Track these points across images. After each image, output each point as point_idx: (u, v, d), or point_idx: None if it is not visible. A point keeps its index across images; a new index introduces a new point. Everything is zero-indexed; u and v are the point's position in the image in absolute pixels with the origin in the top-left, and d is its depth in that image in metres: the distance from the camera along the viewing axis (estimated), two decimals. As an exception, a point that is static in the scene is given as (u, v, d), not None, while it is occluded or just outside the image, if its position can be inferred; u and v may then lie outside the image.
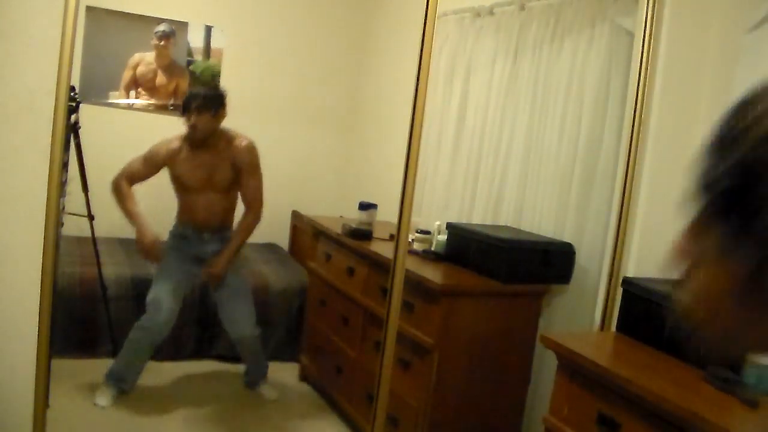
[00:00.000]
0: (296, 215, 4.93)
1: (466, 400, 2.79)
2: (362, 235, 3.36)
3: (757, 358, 1.86)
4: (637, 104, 2.59)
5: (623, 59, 2.80)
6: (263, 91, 4.91)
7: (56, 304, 2.54)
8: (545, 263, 2.80)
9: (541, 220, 3.10)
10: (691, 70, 2.59)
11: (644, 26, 2.57)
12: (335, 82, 5.09)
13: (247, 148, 3.31)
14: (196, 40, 4.70)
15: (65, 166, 2.73)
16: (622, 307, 2.45)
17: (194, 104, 3.19)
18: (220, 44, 4.76)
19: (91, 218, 3.57)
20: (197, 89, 3.35)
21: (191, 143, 3.28)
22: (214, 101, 3.23)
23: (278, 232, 4.94)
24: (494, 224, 3.28)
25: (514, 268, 2.74)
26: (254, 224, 3.39)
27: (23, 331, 2.08)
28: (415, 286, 2.71)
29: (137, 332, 3.25)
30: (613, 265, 2.65)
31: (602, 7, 2.87)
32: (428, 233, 3.18)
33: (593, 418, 1.99)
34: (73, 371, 3.51)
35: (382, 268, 2.99)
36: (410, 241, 3.06)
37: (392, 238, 2.79)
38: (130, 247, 4.04)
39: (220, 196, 3.34)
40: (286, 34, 4.91)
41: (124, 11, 4.46)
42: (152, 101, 4.64)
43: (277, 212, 4.76)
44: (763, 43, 2.35)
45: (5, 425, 2.22)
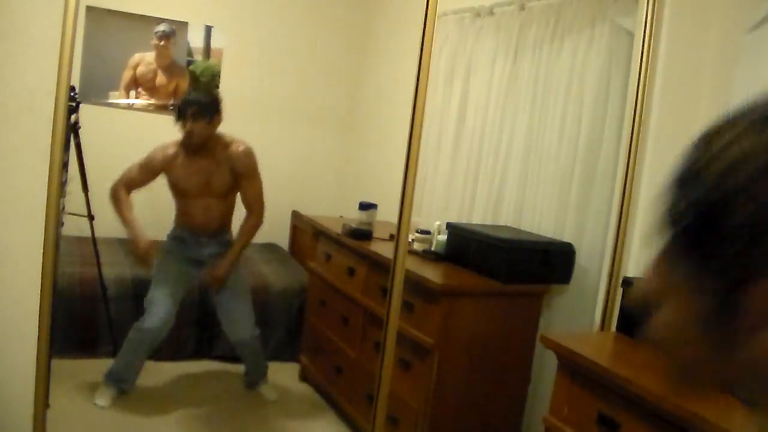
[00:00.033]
0: (296, 215, 4.93)
1: (466, 400, 2.79)
2: (362, 235, 3.36)
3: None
4: (637, 104, 2.59)
5: (623, 59, 2.80)
6: (263, 91, 4.91)
7: (56, 304, 2.54)
8: (545, 263, 2.80)
9: (541, 220, 3.10)
10: (691, 70, 2.59)
11: (644, 26, 2.57)
12: (335, 82, 5.09)
13: (244, 152, 3.30)
14: (196, 40, 4.70)
15: (65, 166, 2.73)
16: (622, 307, 2.45)
17: (189, 111, 3.16)
18: (220, 44, 4.76)
19: (91, 218, 3.57)
20: (192, 95, 3.31)
21: (187, 149, 3.27)
22: (209, 107, 3.20)
23: (278, 232, 4.94)
24: (494, 224, 3.28)
25: (514, 268, 2.74)
26: (256, 227, 3.39)
27: (23, 331, 2.08)
28: (415, 286, 2.71)
29: (136, 333, 3.25)
30: (613, 265, 2.65)
31: (602, 7, 2.87)
32: (428, 233, 3.18)
33: (593, 418, 1.99)
34: (73, 371, 3.51)
35: (382, 268, 2.99)
36: (410, 241, 3.06)
37: (392, 238, 2.79)
38: (128, 247, 4.05)
39: (217, 201, 3.33)
40: (286, 34, 4.91)
41: (124, 11, 4.46)
42: (152, 101, 4.64)
43: (277, 212, 4.76)
44: (763, 43, 2.35)
45: (5, 425, 2.22)
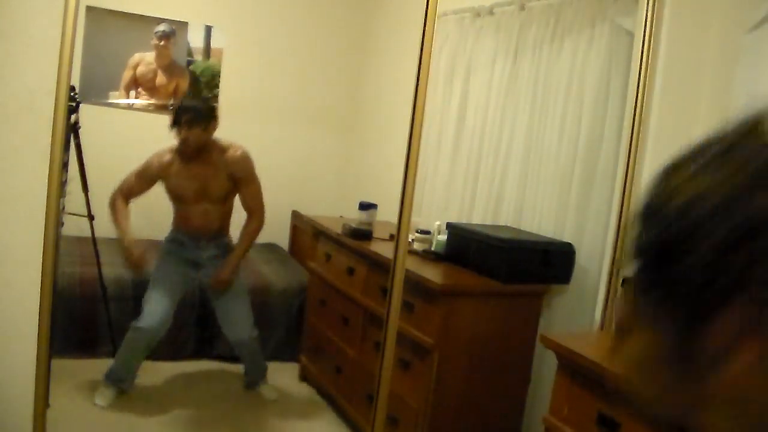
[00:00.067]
0: (296, 215, 4.93)
1: (466, 400, 2.79)
2: (362, 235, 3.36)
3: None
4: (637, 104, 2.59)
5: (623, 59, 2.80)
6: (263, 91, 4.91)
7: (56, 304, 2.54)
8: (545, 263, 2.80)
9: (541, 220, 3.10)
10: (691, 70, 2.59)
11: (644, 26, 2.57)
12: (335, 82, 5.09)
13: (241, 157, 3.29)
14: (196, 40, 4.70)
15: (65, 166, 2.73)
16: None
17: (185, 118, 3.14)
18: (220, 44, 4.76)
19: (91, 218, 3.57)
20: (187, 102, 3.29)
21: (183, 155, 3.26)
22: (204, 114, 3.18)
23: (278, 232, 4.94)
24: (494, 224, 3.28)
25: (514, 268, 2.74)
26: (258, 230, 3.40)
27: (23, 331, 2.08)
28: (415, 286, 2.71)
29: (133, 333, 3.25)
30: (613, 265, 2.65)
31: (602, 7, 2.87)
32: (428, 233, 3.18)
33: (593, 418, 1.99)
34: (73, 371, 3.51)
35: (382, 268, 2.99)
36: (410, 241, 3.06)
37: (392, 238, 2.79)
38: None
39: (215, 206, 3.33)
40: (286, 34, 4.91)
41: (124, 11, 4.46)
42: (152, 101, 4.64)
43: (277, 212, 4.76)
44: (763, 43, 2.35)
45: (5, 425, 2.22)
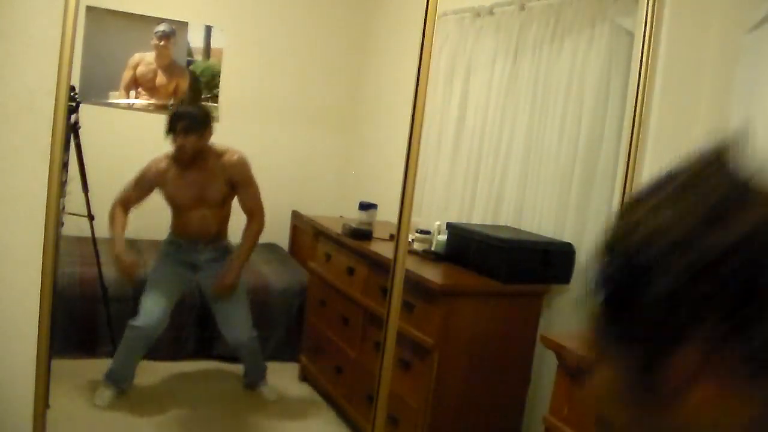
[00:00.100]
0: (296, 215, 4.93)
1: (466, 400, 2.79)
2: (362, 235, 3.36)
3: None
4: (637, 104, 2.59)
5: (623, 59, 2.80)
6: (263, 91, 4.91)
7: (56, 304, 2.54)
8: (545, 263, 2.80)
9: (541, 220, 3.10)
10: (691, 70, 2.59)
11: (644, 26, 2.57)
12: (335, 82, 5.09)
13: (238, 161, 3.29)
14: (196, 40, 4.70)
15: (65, 166, 2.73)
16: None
17: (180, 125, 3.13)
18: (220, 44, 4.76)
19: (91, 218, 3.57)
20: (182, 108, 3.27)
21: (179, 162, 3.25)
22: (199, 121, 3.17)
23: (278, 232, 4.94)
24: (494, 224, 3.28)
25: (514, 268, 2.74)
26: (259, 232, 3.40)
27: (23, 331, 2.08)
28: (415, 286, 2.71)
29: (130, 331, 3.26)
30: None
31: (602, 7, 2.87)
32: (428, 233, 3.18)
33: (593, 418, 1.98)
34: (73, 371, 3.51)
35: (382, 268, 2.99)
36: (410, 241, 3.06)
37: (392, 238, 2.79)
38: (130, 247, 4.05)
39: (213, 211, 3.33)
40: (286, 34, 4.91)
41: (124, 11, 4.46)
42: (152, 101, 4.64)
43: (277, 212, 4.75)
44: (763, 43, 2.35)
45: (5, 425, 2.22)
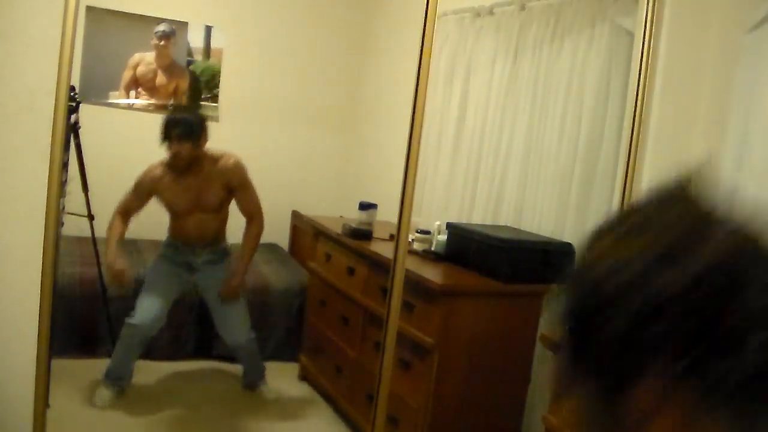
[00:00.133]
0: (296, 215, 4.93)
1: (466, 400, 2.79)
2: (362, 235, 3.36)
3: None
4: (637, 104, 2.59)
5: (623, 59, 2.80)
6: (263, 91, 4.91)
7: (56, 304, 2.54)
8: (545, 263, 2.80)
9: (541, 220, 3.10)
10: (691, 70, 2.59)
11: (644, 26, 2.57)
12: (335, 82, 5.09)
13: (235, 166, 3.28)
14: (196, 40, 4.70)
15: (65, 166, 2.73)
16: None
17: (174, 132, 3.10)
18: (220, 44, 4.76)
19: (91, 218, 3.57)
20: (176, 115, 3.22)
21: (175, 169, 3.22)
22: (194, 128, 3.14)
23: (278, 232, 4.93)
24: (494, 224, 3.28)
25: (514, 268, 2.74)
26: (260, 234, 3.41)
27: (23, 331, 2.08)
28: (415, 286, 2.71)
29: (127, 329, 3.27)
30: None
31: (602, 7, 2.87)
32: (428, 233, 3.18)
33: None
34: (73, 371, 3.51)
35: (382, 268, 2.99)
36: (410, 241, 3.06)
37: (392, 238, 2.79)
38: (130, 247, 4.05)
39: (210, 215, 3.32)
40: (286, 34, 4.91)
41: (124, 11, 4.46)
42: (152, 101, 4.64)
43: (277, 212, 4.75)
44: (763, 43, 2.35)
45: (5, 425, 2.22)
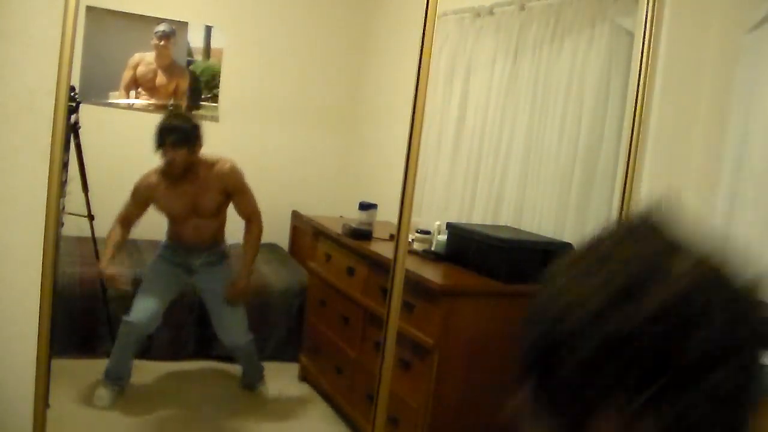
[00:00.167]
0: (296, 215, 4.93)
1: (466, 400, 2.79)
2: (362, 235, 3.36)
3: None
4: (637, 104, 2.59)
5: (623, 59, 2.80)
6: (263, 91, 4.91)
7: (56, 304, 2.54)
8: (545, 263, 2.78)
9: (541, 220, 3.10)
10: (691, 70, 2.59)
11: (644, 26, 2.57)
12: (335, 82, 5.09)
13: (231, 171, 3.27)
14: (196, 40, 4.70)
15: (65, 166, 2.73)
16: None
17: (169, 140, 3.07)
18: (220, 44, 4.76)
19: (91, 218, 3.57)
20: (170, 122, 3.15)
21: (170, 176, 3.21)
22: (189, 135, 3.11)
23: (278, 232, 4.93)
24: (494, 224, 3.28)
25: (514, 268, 2.74)
26: (260, 235, 3.42)
27: (23, 331, 2.08)
28: (415, 286, 2.71)
29: (123, 327, 3.28)
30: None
31: (602, 7, 2.87)
32: (428, 233, 3.18)
33: None
34: (73, 371, 3.51)
35: (382, 268, 2.99)
36: (410, 241, 3.06)
37: (392, 238, 2.79)
38: (129, 247, 4.05)
39: (207, 220, 3.32)
40: (286, 34, 4.91)
41: (124, 11, 4.46)
42: (152, 101, 4.64)
43: (277, 212, 4.76)
44: (763, 43, 2.35)
45: (5, 425, 2.22)
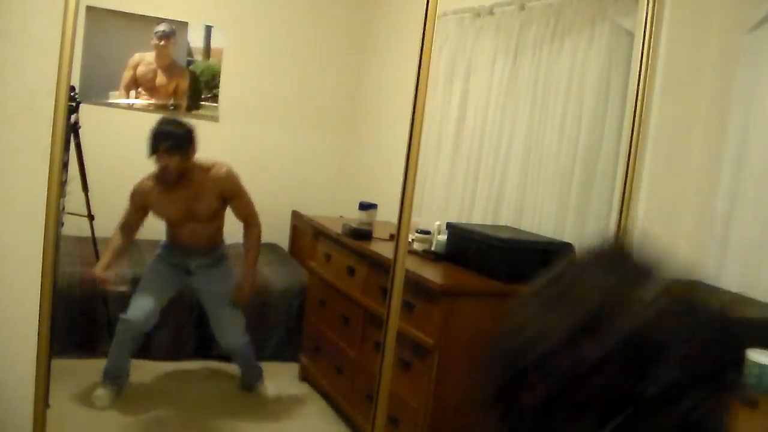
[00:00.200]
0: (296, 215, 4.93)
1: (466, 400, 2.79)
2: (362, 235, 3.36)
3: (757, 357, 1.86)
4: (637, 104, 2.59)
5: (623, 59, 2.80)
6: (263, 91, 4.91)
7: (56, 304, 2.54)
8: (545, 263, 2.78)
9: (541, 220, 3.10)
10: (691, 70, 2.59)
11: (644, 26, 2.57)
12: (335, 82, 5.09)
13: (227, 175, 3.26)
14: (196, 40, 4.70)
15: (65, 166, 2.73)
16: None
17: (162, 146, 3.04)
18: (220, 44, 4.76)
19: (91, 218, 3.57)
20: (163, 128, 3.10)
21: (164, 181, 3.20)
22: (182, 141, 3.09)
23: (278, 232, 4.93)
24: (494, 224, 3.28)
25: (514, 268, 2.74)
26: (259, 236, 3.44)
27: (23, 331, 2.08)
28: (415, 286, 2.71)
29: (120, 325, 3.28)
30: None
31: (602, 7, 2.87)
32: (428, 233, 3.18)
33: None
34: (73, 371, 3.51)
35: (382, 268, 2.99)
36: (410, 241, 3.06)
37: (392, 238, 2.79)
38: (130, 247, 4.04)
39: (204, 224, 3.31)
40: (286, 34, 4.91)
41: (124, 11, 4.46)
42: (152, 101, 4.64)
43: (277, 212, 4.76)
44: (763, 43, 2.35)
45: (5, 425, 2.22)
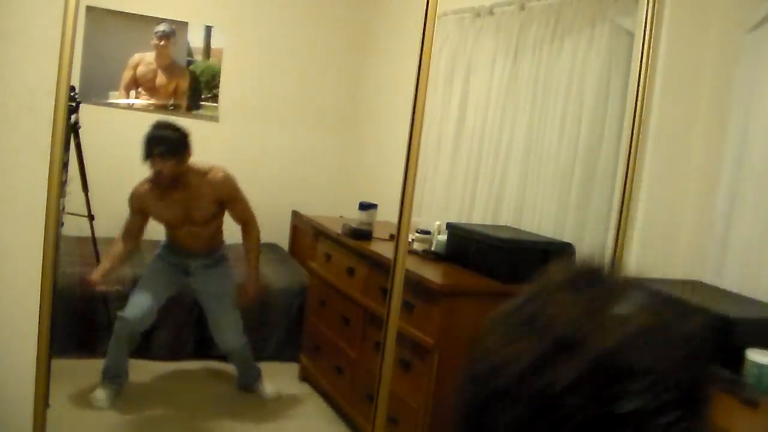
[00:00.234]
0: (296, 215, 4.93)
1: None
2: (362, 235, 3.36)
3: (757, 357, 1.86)
4: (637, 104, 2.59)
5: (623, 59, 2.80)
6: (263, 91, 4.91)
7: (56, 304, 2.54)
8: (545, 263, 2.78)
9: (541, 220, 3.10)
10: (691, 70, 2.59)
11: (644, 26, 2.57)
12: (335, 82, 5.09)
13: (224, 180, 3.24)
14: (196, 40, 4.70)
15: (65, 166, 2.73)
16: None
17: (156, 151, 3.02)
18: (220, 44, 4.76)
19: (91, 218, 3.57)
20: (157, 132, 3.09)
21: (160, 186, 3.18)
22: (177, 145, 3.07)
23: (278, 232, 4.93)
24: (494, 224, 3.28)
25: (514, 268, 2.74)
26: (259, 238, 3.44)
27: (23, 331, 2.08)
28: (415, 286, 2.71)
29: (117, 322, 3.28)
30: (613, 265, 2.65)
31: (602, 7, 2.87)
32: (428, 233, 3.18)
33: None
34: (73, 371, 3.51)
35: (382, 268, 2.99)
36: (410, 241, 3.06)
37: (392, 238, 2.79)
38: (135, 252, 4.04)
39: (202, 228, 3.31)
40: (286, 34, 4.91)
41: (124, 11, 4.46)
42: (152, 101, 4.64)
43: (277, 212, 4.76)
44: (763, 43, 2.35)
45: (5, 425, 2.22)
